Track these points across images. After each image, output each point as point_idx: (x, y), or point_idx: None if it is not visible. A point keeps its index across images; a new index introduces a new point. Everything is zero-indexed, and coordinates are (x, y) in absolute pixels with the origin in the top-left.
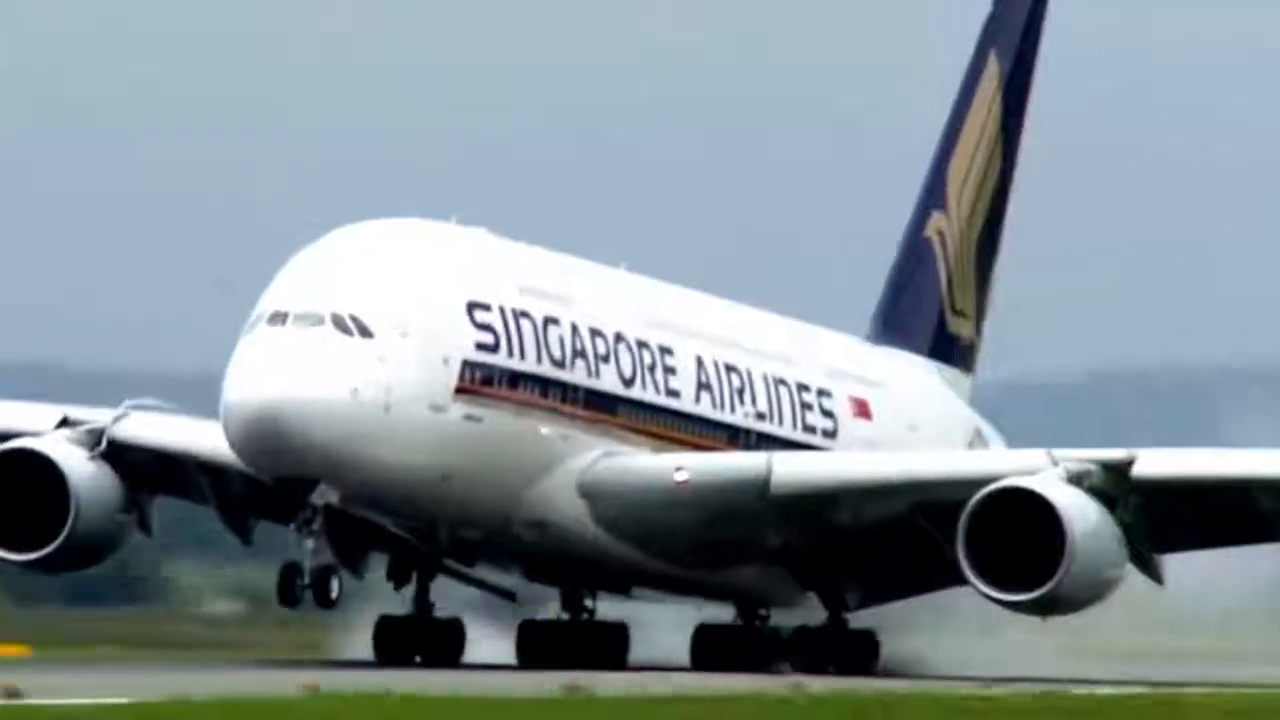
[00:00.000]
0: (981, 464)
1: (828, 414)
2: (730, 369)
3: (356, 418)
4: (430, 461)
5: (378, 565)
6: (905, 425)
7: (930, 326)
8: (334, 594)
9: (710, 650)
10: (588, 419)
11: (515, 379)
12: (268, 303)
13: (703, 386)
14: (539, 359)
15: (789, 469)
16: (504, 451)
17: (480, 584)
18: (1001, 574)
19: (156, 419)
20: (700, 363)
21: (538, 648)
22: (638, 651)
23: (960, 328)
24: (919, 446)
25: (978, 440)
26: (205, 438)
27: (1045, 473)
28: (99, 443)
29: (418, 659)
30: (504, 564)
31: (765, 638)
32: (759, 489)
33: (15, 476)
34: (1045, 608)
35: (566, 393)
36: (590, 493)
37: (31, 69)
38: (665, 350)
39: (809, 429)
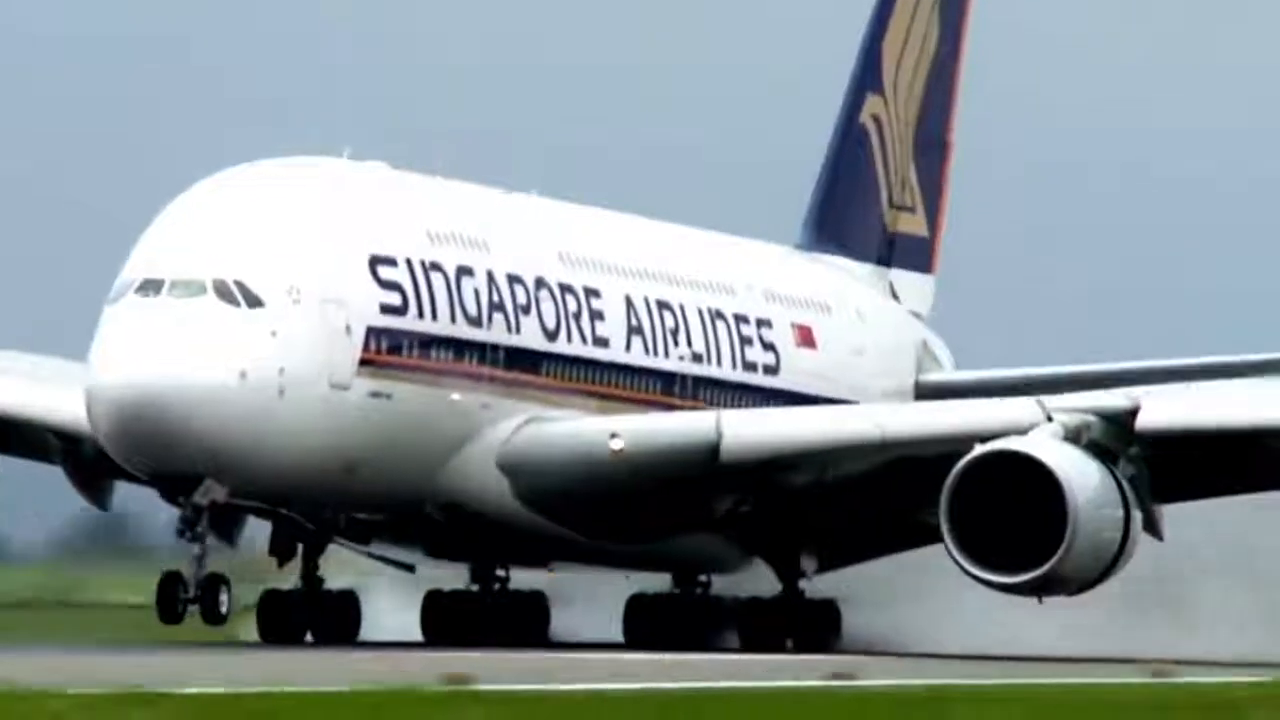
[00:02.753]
0: (962, 418)
1: (769, 347)
2: (663, 306)
3: (245, 404)
4: (332, 449)
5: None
6: (850, 350)
7: (872, 226)
8: (225, 608)
9: (646, 623)
10: (508, 381)
11: (427, 344)
12: (137, 268)
13: (633, 331)
14: (453, 318)
15: (741, 432)
16: (415, 431)
17: (376, 556)
18: (990, 549)
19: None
20: (630, 303)
21: (445, 622)
22: (559, 625)
23: (907, 224)
24: (865, 373)
25: (925, 356)
26: (56, 402)
27: (1039, 429)
28: None
29: (309, 637)
30: (405, 543)
31: (709, 609)
32: (706, 456)
33: None
34: (1044, 589)
35: (485, 354)
36: (511, 467)
37: None
38: (591, 293)
39: (749, 366)
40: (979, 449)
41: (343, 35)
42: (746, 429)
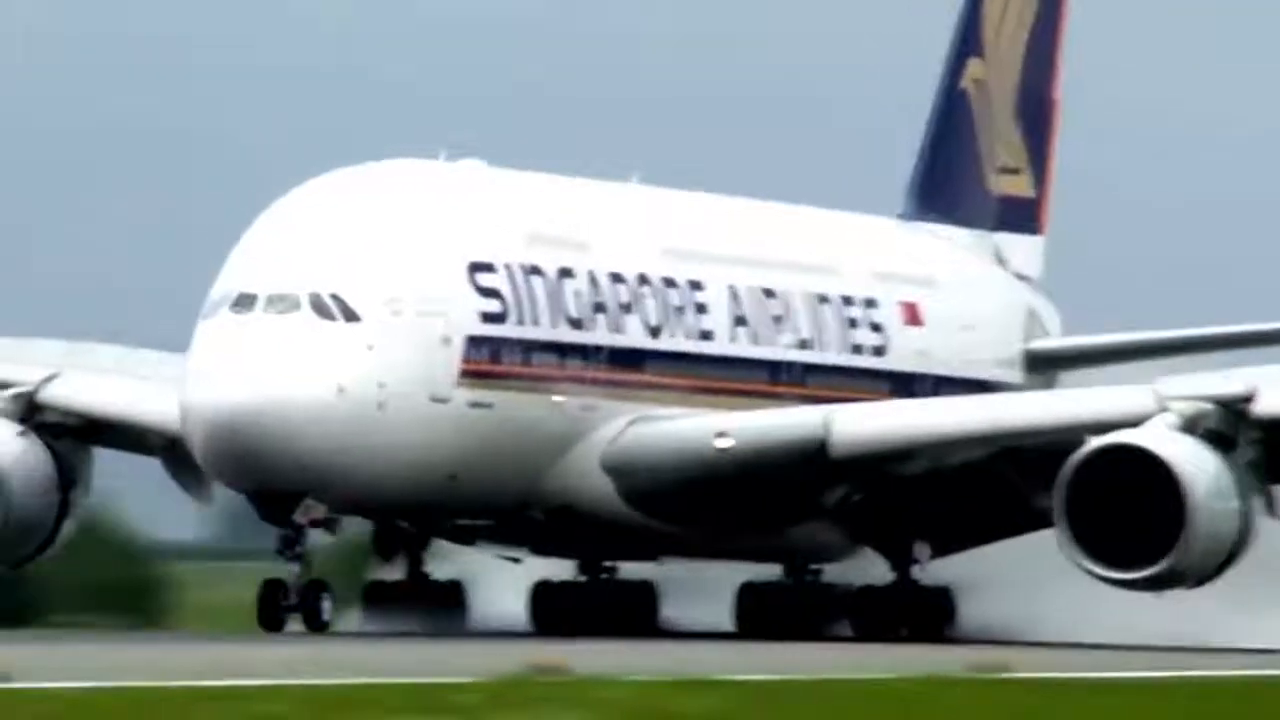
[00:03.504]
0: (1075, 408)
1: (876, 327)
2: (768, 294)
3: (345, 420)
4: (433, 462)
5: None
6: (959, 325)
7: (976, 191)
8: (326, 615)
9: (757, 612)
10: (611, 382)
11: (528, 351)
12: (230, 281)
13: (738, 321)
14: (554, 322)
15: (850, 426)
16: (518, 438)
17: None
18: (1107, 544)
19: (91, 379)
20: (734, 294)
21: (553, 611)
22: (668, 614)
23: (1012, 186)
24: (974, 348)
25: (1033, 323)
26: (156, 401)
27: (1155, 420)
28: (27, 412)
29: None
30: (510, 543)
31: (822, 597)
32: (815, 452)
33: None
34: (1161, 584)
35: (587, 356)
36: (617, 469)
37: None
38: (695, 285)
39: (856, 349)
40: (1094, 442)
41: (440, 31)
42: (856, 424)
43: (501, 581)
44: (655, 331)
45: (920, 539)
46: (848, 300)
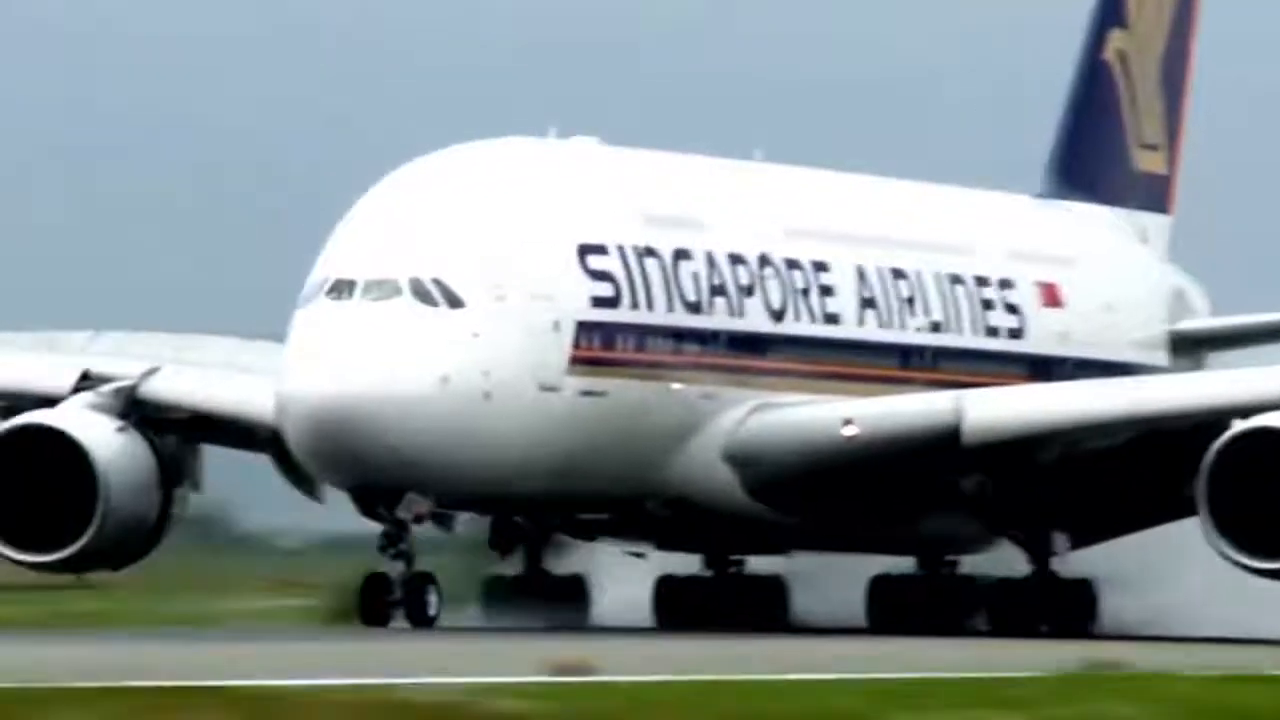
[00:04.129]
0: (1218, 391)
1: (1013, 309)
2: (897, 275)
3: (449, 412)
4: (543, 454)
5: None
6: (1099, 306)
7: (1120, 168)
8: (432, 610)
9: (890, 605)
10: (732, 368)
11: (642, 336)
12: (328, 267)
13: (866, 304)
14: (670, 306)
15: (983, 412)
16: (632, 428)
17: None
18: (1253, 532)
19: (195, 373)
20: (862, 274)
21: (678, 607)
22: (799, 609)
23: (1151, 164)
24: (1116, 330)
25: (1179, 305)
26: (263, 395)
27: None
28: (128, 406)
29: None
30: (632, 538)
31: (957, 590)
32: (947, 439)
33: (28, 456)
34: None
35: (705, 341)
36: (738, 458)
37: None
38: (820, 267)
39: (992, 331)
40: (1237, 426)
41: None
42: (989, 409)
43: (624, 576)
44: (778, 315)
45: (1059, 529)
46: (982, 281)
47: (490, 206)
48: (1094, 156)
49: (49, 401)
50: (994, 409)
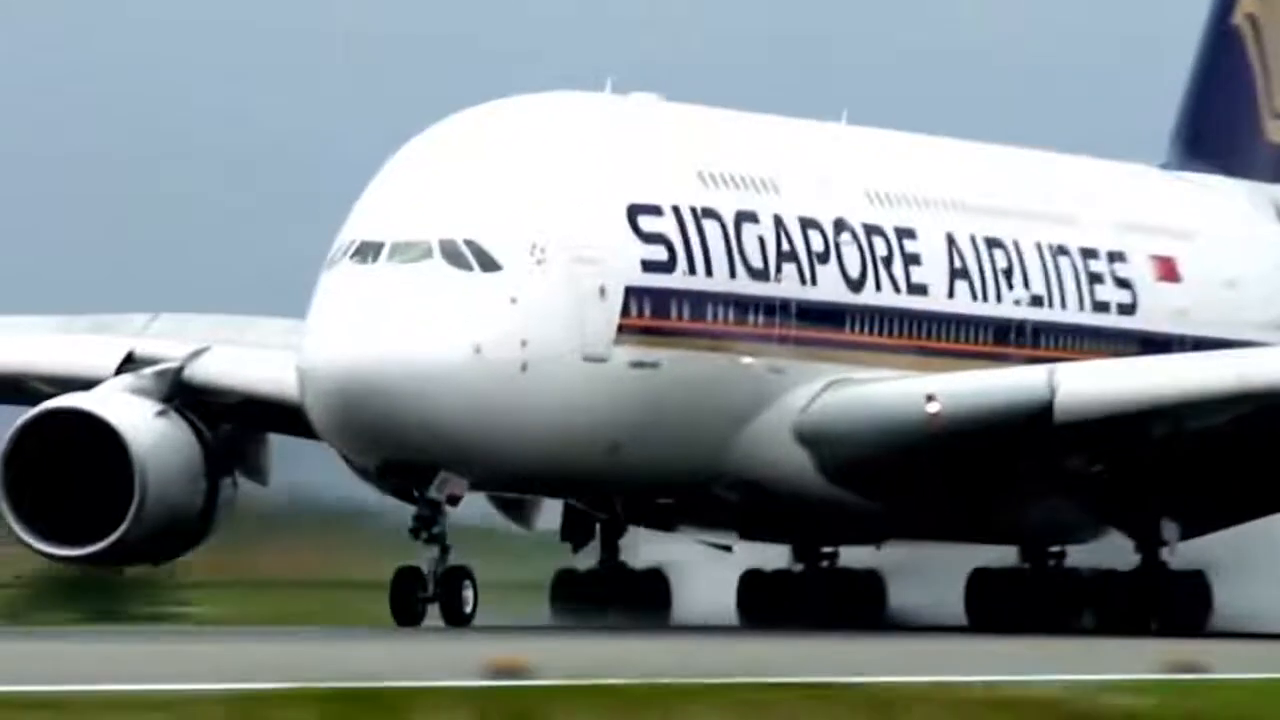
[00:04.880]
0: None
1: (1123, 284)
2: (993, 244)
3: (481, 383)
4: (590, 429)
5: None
6: (1221, 282)
7: (1251, 138)
8: (469, 606)
9: (989, 600)
10: (804, 340)
11: (700, 304)
12: (354, 229)
13: (957, 274)
14: (732, 272)
15: (1078, 387)
16: (690, 403)
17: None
18: None
19: (248, 354)
20: (952, 241)
21: (764, 603)
22: (897, 605)
23: None
24: (1240, 309)
25: None
26: None
27: None
28: (172, 390)
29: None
30: (713, 526)
31: (1061, 584)
32: (1039, 416)
33: (65, 443)
34: None
35: (774, 311)
36: (812, 438)
37: None
38: (904, 233)
39: (1100, 307)
40: None
41: None
42: (1084, 383)
43: (708, 571)
44: (856, 284)
45: (1168, 516)
46: (1090, 253)
47: (531, 163)
48: (1223, 127)
49: (93, 385)
50: (1090, 383)
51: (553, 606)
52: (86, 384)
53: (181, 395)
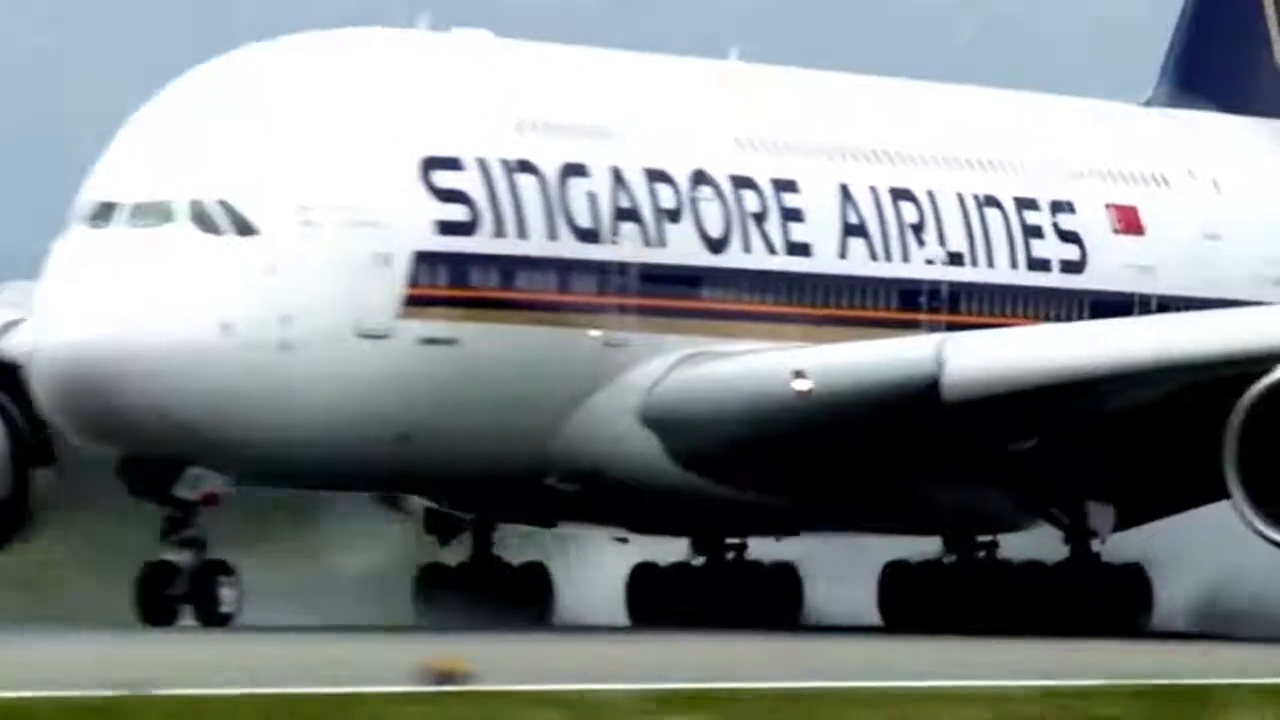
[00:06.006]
0: (1272, 328)
1: (1069, 237)
2: (901, 195)
3: (235, 366)
4: (372, 416)
5: None
6: (1200, 232)
7: (1258, 70)
8: (226, 605)
9: (904, 596)
10: (650, 309)
11: (511, 270)
12: (93, 190)
13: (852, 231)
14: (553, 233)
15: (970, 360)
16: (503, 384)
17: None
18: None
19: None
20: (847, 193)
21: (657, 601)
22: (814, 598)
23: None
24: (1223, 262)
25: None
26: None
27: None
28: None
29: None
30: (600, 521)
31: (985, 577)
32: (924, 393)
33: None
34: None
35: (608, 277)
36: (661, 420)
37: None
38: (784, 185)
39: (1038, 264)
40: (1277, 373)
41: None
42: (978, 355)
43: (600, 565)
44: (717, 245)
45: (1098, 503)
46: (1027, 203)
47: (302, 112)
48: (1223, 57)
49: None
50: (985, 356)
51: (417, 604)
52: None
53: None
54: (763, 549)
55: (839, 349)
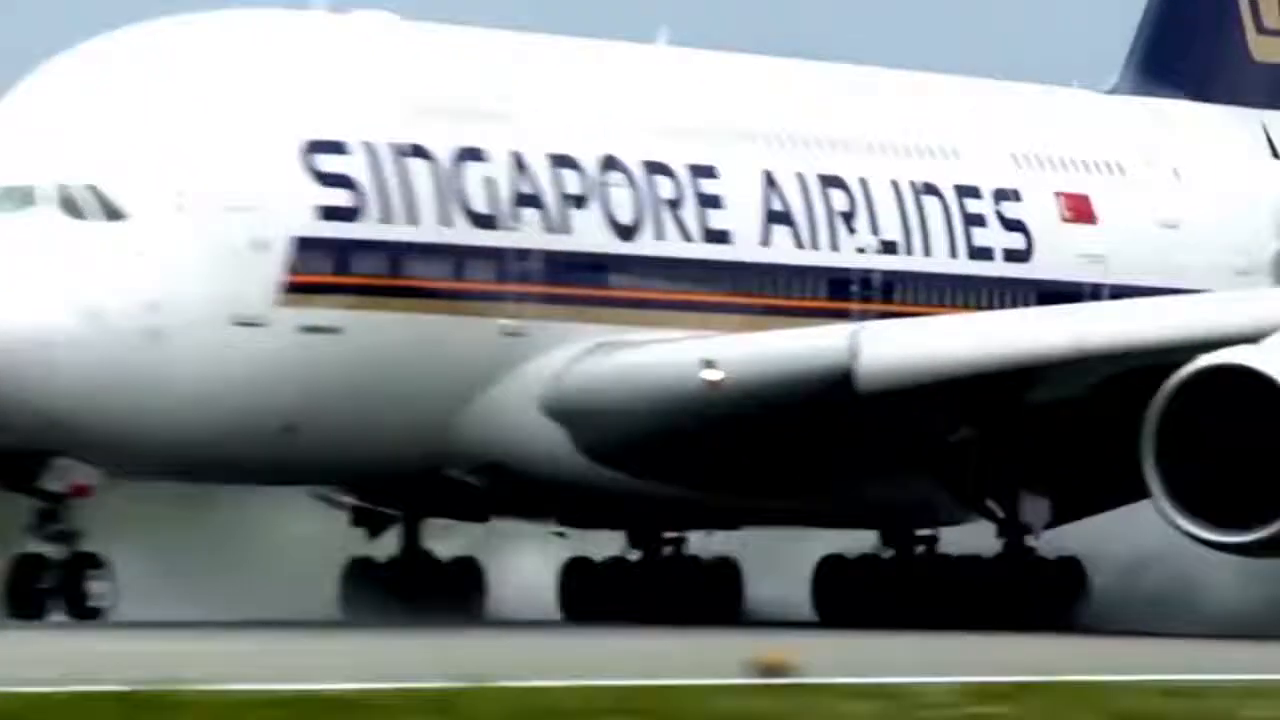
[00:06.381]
0: (1192, 319)
1: (1014, 225)
2: (831, 182)
3: (102, 355)
4: (252, 407)
5: None
6: (1157, 221)
7: (1229, 59)
8: (97, 599)
9: (838, 591)
10: (554, 298)
11: (399, 257)
12: None
13: (776, 218)
14: (446, 219)
15: (886, 350)
16: (393, 374)
17: None
18: (1212, 496)
19: None
20: (772, 180)
21: (591, 596)
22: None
23: (1273, 52)
24: (1183, 253)
25: None
26: None
27: None
28: None
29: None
30: (530, 516)
31: (922, 572)
32: (838, 384)
33: None
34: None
35: (508, 265)
36: (567, 411)
37: None
38: (701, 171)
39: (980, 253)
40: (1197, 363)
41: None
42: (894, 345)
43: (535, 559)
44: (627, 232)
45: (1033, 498)
46: (969, 191)
47: (176, 94)
48: (1194, 45)
49: None
50: (900, 345)
51: (343, 599)
52: None
53: None
54: (703, 543)
55: (751, 338)
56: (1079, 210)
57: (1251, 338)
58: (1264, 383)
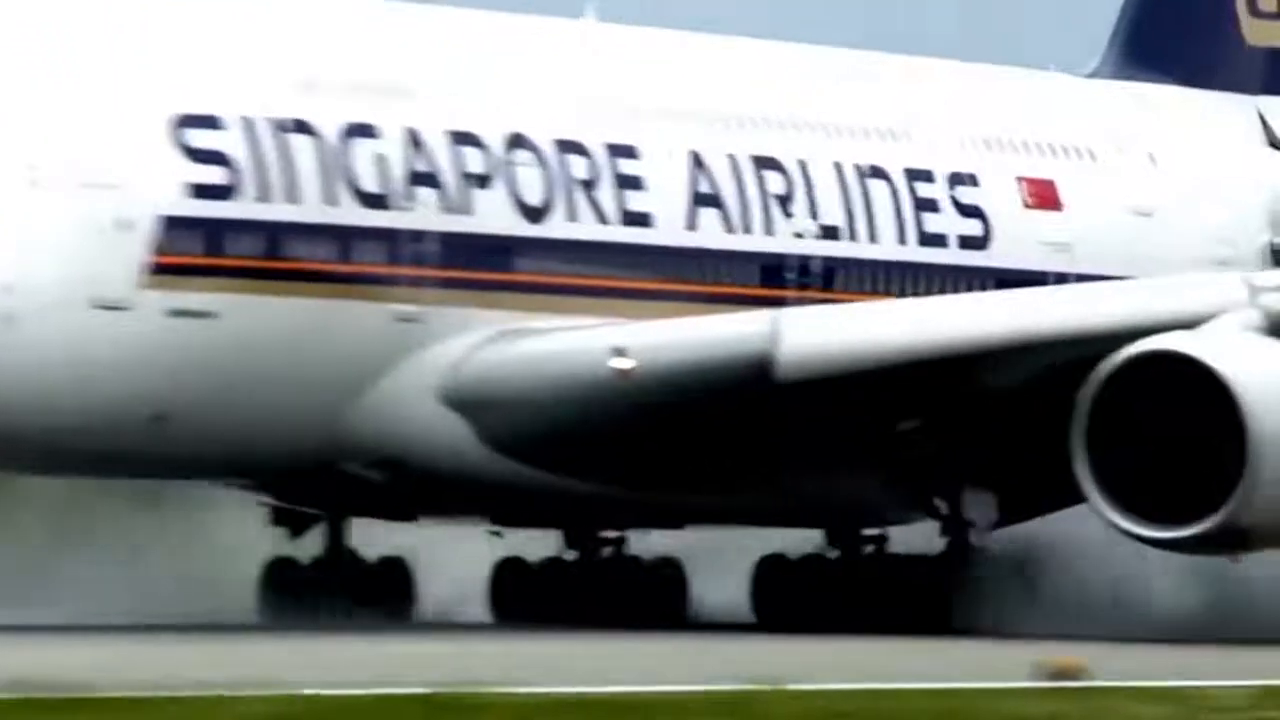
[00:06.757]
0: (1128, 306)
1: (971, 211)
2: (765, 164)
3: None
4: (116, 396)
5: None
6: (1128, 208)
7: (1220, 42)
8: None
9: (777, 593)
10: (452, 282)
11: (279, 238)
12: None
13: (704, 201)
14: (332, 198)
15: (808, 338)
16: (274, 362)
17: None
18: (1147, 492)
19: None
20: (699, 161)
21: (524, 598)
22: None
23: (1269, 36)
24: (1158, 242)
25: None
26: None
27: (1221, 319)
28: None
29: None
30: (464, 515)
31: (866, 573)
32: (756, 373)
33: None
34: (1218, 545)
35: (398, 246)
36: (468, 401)
37: None
38: (620, 151)
39: (932, 240)
40: (1129, 350)
41: None
42: (816, 333)
43: (466, 560)
44: (535, 214)
45: (976, 495)
46: (920, 174)
47: (32, 63)
48: (1182, 29)
49: None
50: (823, 332)
51: (262, 600)
52: None
53: None
54: (648, 543)
55: (665, 325)
56: (1043, 196)
57: (1189, 324)
58: (1200, 370)
